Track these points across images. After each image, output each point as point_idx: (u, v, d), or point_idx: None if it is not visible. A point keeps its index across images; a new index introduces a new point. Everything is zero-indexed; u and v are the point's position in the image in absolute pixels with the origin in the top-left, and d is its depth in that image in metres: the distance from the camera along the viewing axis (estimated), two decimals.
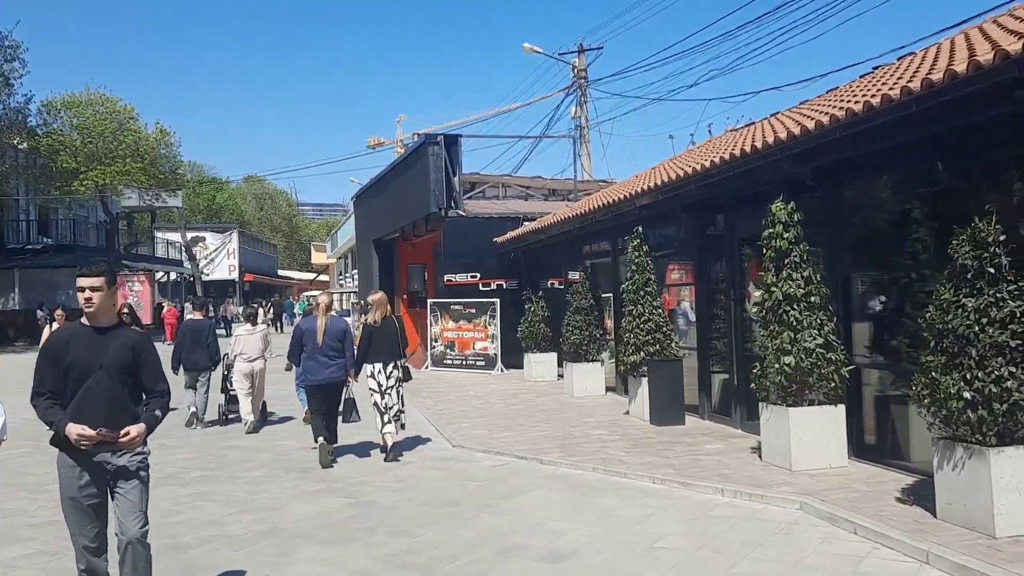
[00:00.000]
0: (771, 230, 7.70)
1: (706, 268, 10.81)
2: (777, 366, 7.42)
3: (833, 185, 8.14)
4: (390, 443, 9.06)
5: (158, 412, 4.31)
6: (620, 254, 13.62)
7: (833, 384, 7.43)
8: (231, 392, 12.01)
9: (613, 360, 13.67)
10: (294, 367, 10.18)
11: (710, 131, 20.95)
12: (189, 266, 48.91)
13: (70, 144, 32.47)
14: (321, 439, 8.93)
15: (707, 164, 9.06)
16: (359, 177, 56.71)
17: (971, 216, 5.56)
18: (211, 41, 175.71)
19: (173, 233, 53.25)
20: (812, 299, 7.49)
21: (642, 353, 10.71)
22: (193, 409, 11.78)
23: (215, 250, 65.18)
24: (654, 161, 29.08)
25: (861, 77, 9.94)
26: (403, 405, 9.40)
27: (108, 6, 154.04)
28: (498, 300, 18.21)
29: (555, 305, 16.63)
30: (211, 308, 13.93)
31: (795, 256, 7.57)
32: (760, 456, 7.98)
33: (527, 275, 18.98)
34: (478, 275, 19.39)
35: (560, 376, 16.21)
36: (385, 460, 8.96)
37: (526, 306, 16.68)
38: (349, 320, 20.21)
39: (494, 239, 19.05)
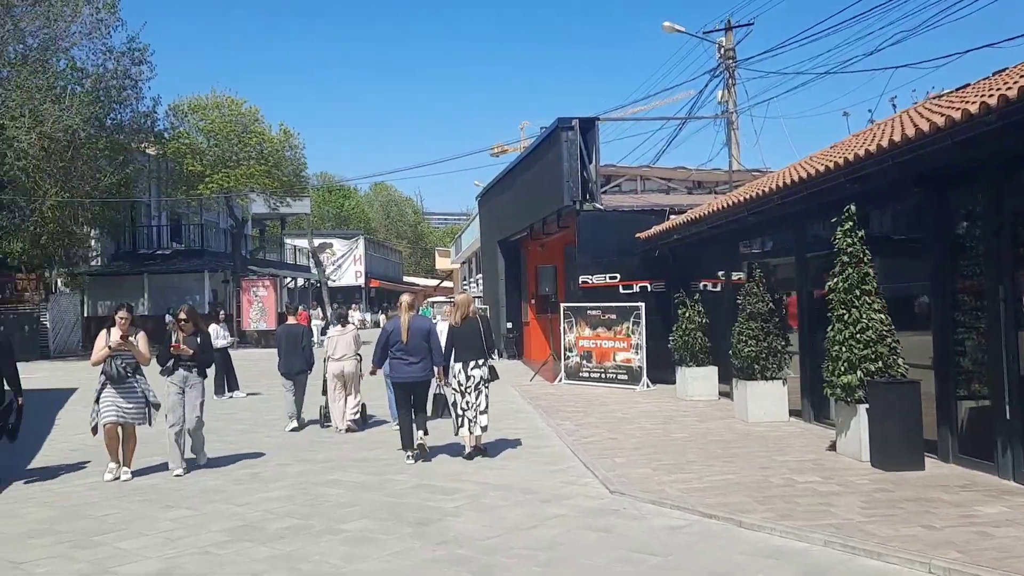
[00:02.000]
0: None
1: (948, 259, 8.07)
2: None
3: None
4: (469, 445, 9.22)
5: None
6: (809, 247, 10.99)
7: None
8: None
9: (793, 377, 11.07)
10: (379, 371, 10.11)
11: (894, 106, 17.90)
12: (316, 272, 48.65)
13: (196, 147, 32.15)
14: (409, 452, 9.19)
15: (977, 108, 6.40)
16: (483, 182, 55.53)
17: None
18: (335, 50, 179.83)
19: (301, 239, 53.34)
20: None
21: (859, 372, 8.09)
22: (299, 414, 12.01)
23: (342, 256, 65.39)
24: (816, 146, 25.76)
25: None
26: (487, 406, 9.38)
27: (231, 6, 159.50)
28: (643, 304, 15.78)
29: (712, 310, 14.12)
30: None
31: None
32: None
33: (675, 276, 16.47)
34: (618, 276, 17.04)
35: (722, 395, 13.66)
36: (465, 458, 9.14)
37: (679, 311, 14.20)
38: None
39: (636, 235, 16.66)
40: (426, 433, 9.33)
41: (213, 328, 16.31)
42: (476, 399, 9.26)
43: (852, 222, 8.37)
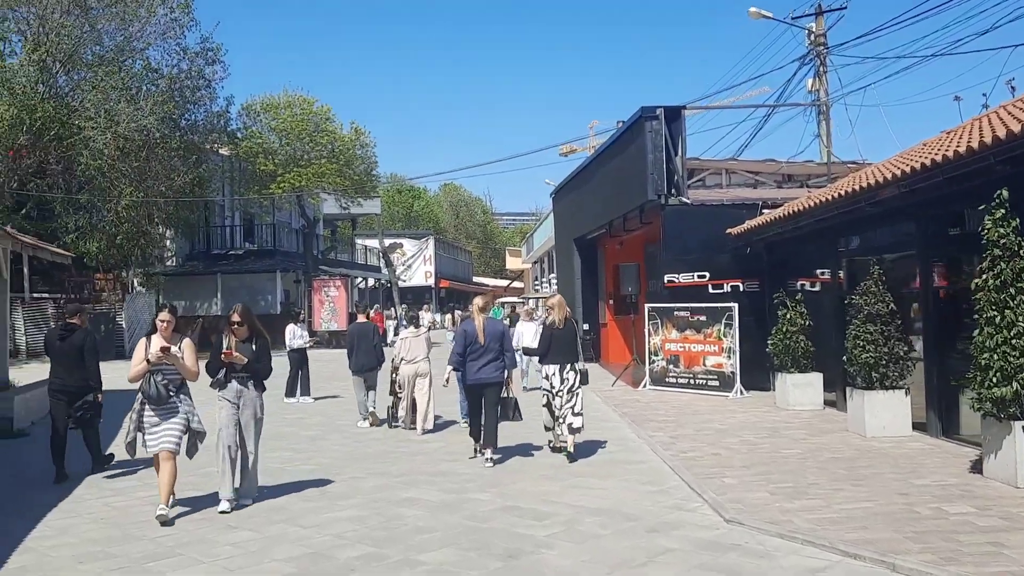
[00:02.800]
0: None
1: None
2: None
3: None
4: (567, 446, 9.09)
5: None
6: (935, 240, 9.80)
7: None
8: (399, 395, 11.91)
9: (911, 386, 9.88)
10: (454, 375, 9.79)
11: (1012, 88, 16.37)
12: (386, 272, 48.47)
13: (268, 147, 32.04)
14: (480, 447, 9.15)
15: None
16: (554, 179, 54.63)
17: None
18: (407, 47, 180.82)
19: (372, 239, 53.30)
20: None
21: (1015, 384, 6.94)
22: (372, 410, 12.14)
23: (412, 256, 65.29)
24: (920, 135, 24.15)
25: None
26: (580, 409, 9.20)
27: (301, 4, 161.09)
28: (735, 305, 14.66)
29: (812, 311, 12.95)
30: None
31: None
32: None
33: (770, 274, 15.30)
34: (707, 275, 15.93)
35: (827, 404, 12.49)
36: (565, 456, 9.05)
37: (779, 312, 13.05)
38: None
39: (727, 231, 15.53)
40: (494, 445, 9.06)
41: (291, 328, 15.81)
42: (570, 401, 9.14)
43: (1004, 210, 7.21)
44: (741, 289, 15.53)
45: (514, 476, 8.37)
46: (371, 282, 50.07)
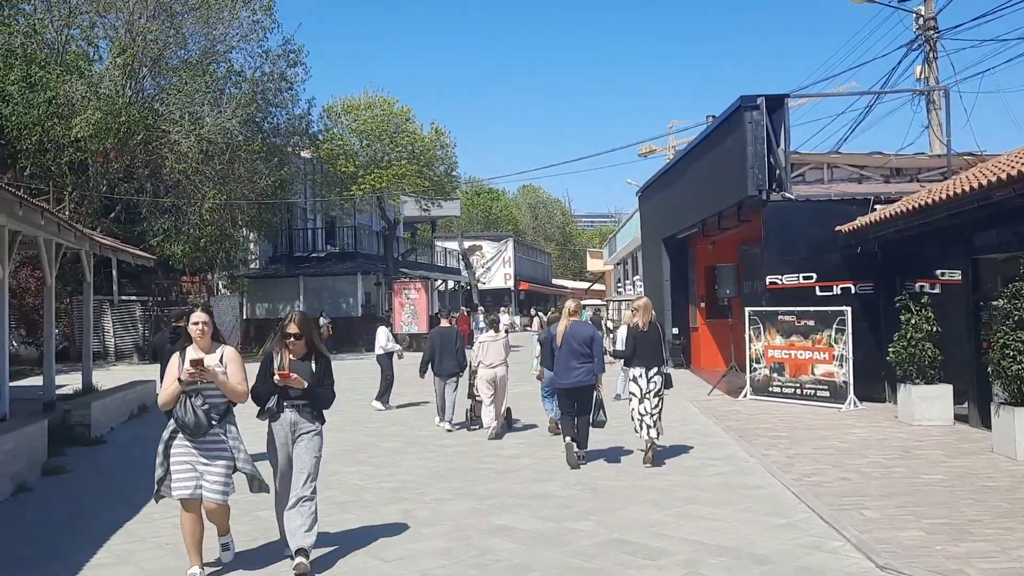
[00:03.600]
0: None
1: None
2: None
3: None
4: (649, 449, 9.01)
5: None
6: None
7: None
8: (477, 398, 11.96)
9: None
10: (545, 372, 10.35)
11: None
12: (466, 274, 48.07)
13: (349, 149, 31.86)
14: (569, 438, 9.16)
15: None
16: (635, 179, 53.31)
17: None
18: (483, 45, 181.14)
19: (451, 242, 53.02)
20: None
21: None
22: (450, 416, 12.05)
23: (491, 259, 64.87)
24: None
25: None
26: (661, 412, 9.25)
27: (381, 6, 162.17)
28: (848, 309, 13.41)
29: (937, 316, 11.66)
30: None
31: None
32: None
33: (885, 275, 13.99)
34: (814, 276, 14.69)
35: (959, 419, 11.19)
36: (644, 464, 8.95)
37: (901, 317, 11.80)
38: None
39: (836, 228, 14.29)
40: (585, 447, 9.28)
41: (382, 331, 15.26)
42: (655, 404, 9.12)
43: None
44: (853, 291, 14.26)
45: (615, 500, 7.48)
46: (451, 284, 49.72)
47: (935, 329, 11.42)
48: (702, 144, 18.95)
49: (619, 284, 45.15)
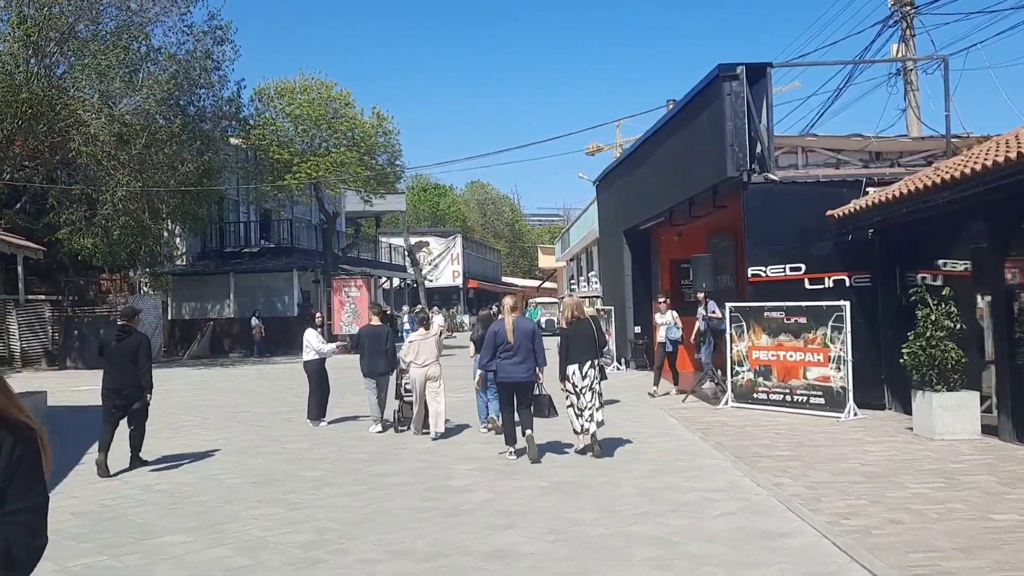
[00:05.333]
0: None
1: None
2: None
3: None
4: (593, 440, 9.16)
5: None
6: None
7: None
8: (406, 398, 11.54)
9: None
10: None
11: None
12: (412, 272, 45.90)
13: (283, 134, 29.45)
14: (529, 431, 9.15)
15: None
16: (587, 173, 51.67)
17: None
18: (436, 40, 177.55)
19: (397, 238, 50.76)
20: None
21: None
22: (377, 416, 11.68)
23: (439, 255, 62.74)
24: None
25: None
26: (600, 402, 9.29)
27: None
28: (847, 304, 11.74)
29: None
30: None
31: None
32: None
33: (884, 266, 12.38)
34: (802, 267, 13.01)
35: (987, 430, 9.55)
36: (593, 455, 9.09)
37: (918, 312, 10.12)
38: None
39: (828, 213, 12.64)
40: (531, 428, 9.24)
41: (310, 333, 13.00)
42: (591, 399, 9.22)
43: None
44: (847, 284, 12.61)
45: (602, 560, 5.55)
46: (396, 282, 47.44)
47: (959, 327, 9.77)
48: (671, 122, 17.15)
49: (572, 281, 43.42)
